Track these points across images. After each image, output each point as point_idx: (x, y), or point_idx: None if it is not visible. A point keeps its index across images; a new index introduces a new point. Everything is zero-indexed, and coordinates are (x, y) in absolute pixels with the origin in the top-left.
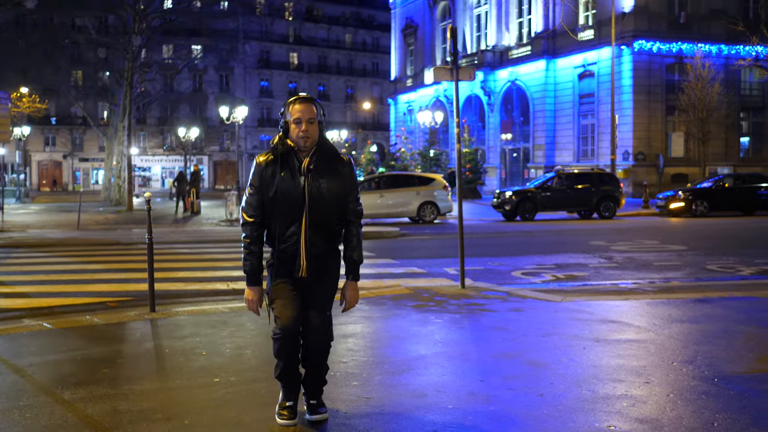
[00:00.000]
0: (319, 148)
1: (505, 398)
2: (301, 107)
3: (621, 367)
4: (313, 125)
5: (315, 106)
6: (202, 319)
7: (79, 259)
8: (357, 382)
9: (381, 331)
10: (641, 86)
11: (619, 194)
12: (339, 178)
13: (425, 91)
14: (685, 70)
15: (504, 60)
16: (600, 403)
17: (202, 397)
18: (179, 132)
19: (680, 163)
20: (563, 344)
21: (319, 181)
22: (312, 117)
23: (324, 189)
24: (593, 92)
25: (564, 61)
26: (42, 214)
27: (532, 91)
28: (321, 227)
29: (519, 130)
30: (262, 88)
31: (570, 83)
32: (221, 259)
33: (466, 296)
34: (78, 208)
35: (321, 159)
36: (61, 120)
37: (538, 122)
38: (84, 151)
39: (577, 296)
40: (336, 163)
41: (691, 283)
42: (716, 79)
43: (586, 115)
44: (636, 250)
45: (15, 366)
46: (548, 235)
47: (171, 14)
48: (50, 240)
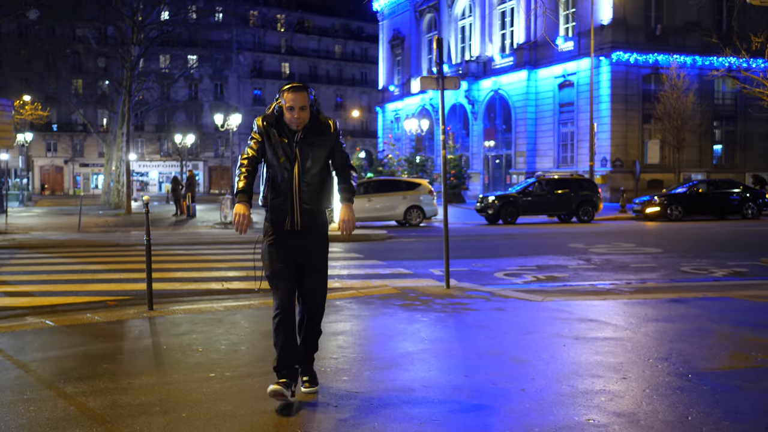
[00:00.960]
0: (310, 123)
1: (488, 393)
2: (292, 96)
3: (599, 364)
4: (304, 111)
5: (306, 93)
6: (198, 317)
7: (80, 260)
8: (347, 377)
9: (370, 328)
10: (619, 96)
11: (597, 199)
12: (325, 139)
13: (412, 99)
14: (661, 81)
15: (487, 70)
16: (579, 397)
17: (199, 391)
18: (176, 138)
19: (656, 170)
20: (544, 342)
21: (307, 145)
22: (303, 104)
23: (311, 151)
24: (573, 101)
25: (545, 72)
26: (44, 216)
27: (514, 100)
28: (309, 184)
29: (501, 137)
30: (256, 96)
31: (550, 93)
32: (216, 260)
33: (451, 296)
34: (79, 212)
35: (309, 130)
36: (62, 127)
37: (519, 130)
38: (84, 157)
39: (557, 296)
40: (322, 129)
41: (666, 284)
42: (691, 89)
43: (565, 123)
44: (613, 253)
45: (19, 361)
46: (529, 238)
47: (168, 26)
48: (52, 241)
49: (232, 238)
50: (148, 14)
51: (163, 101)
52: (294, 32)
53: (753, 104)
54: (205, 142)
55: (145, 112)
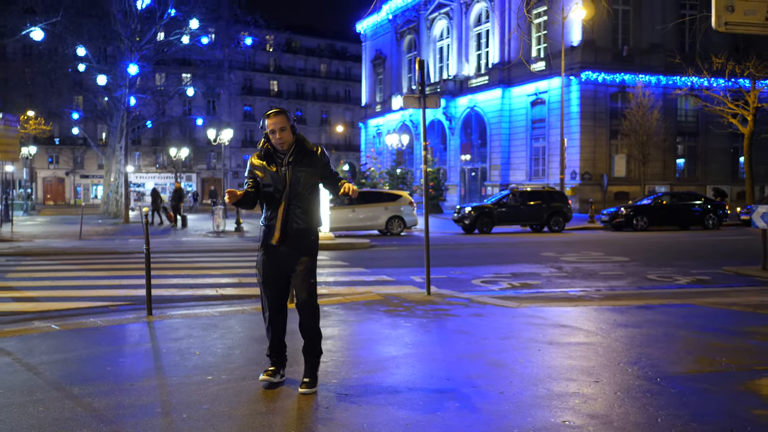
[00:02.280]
0: (296, 147)
1: (469, 395)
2: (273, 120)
3: (573, 368)
4: (285, 132)
5: (285, 117)
6: (194, 322)
7: (82, 267)
8: (336, 380)
9: (356, 333)
10: (588, 113)
11: (567, 210)
12: (313, 167)
13: (393, 116)
14: (627, 99)
15: (464, 88)
16: (555, 400)
17: (197, 393)
18: (171, 152)
19: (622, 182)
20: (520, 346)
21: (296, 171)
22: (283, 126)
23: (300, 176)
24: (544, 118)
25: (518, 90)
26: (47, 225)
27: (489, 116)
28: (299, 206)
29: (477, 151)
30: (246, 112)
31: (523, 110)
32: (210, 267)
33: (432, 302)
34: (80, 221)
35: (298, 154)
36: (64, 140)
37: (494, 145)
38: (84, 169)
39: (532, 303)
40: (310, 155)
41: (634, 291)
42: (655, 106)
43: (537, 139)
44: (583, 261)
45: (28, 364)
46: (504, 247)
47: (164, 46)
48: (55, 249)
49: (224, 247)
50: (144, 35)
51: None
52: (282, 52)
53: (714, 121)
54: (197, 155)
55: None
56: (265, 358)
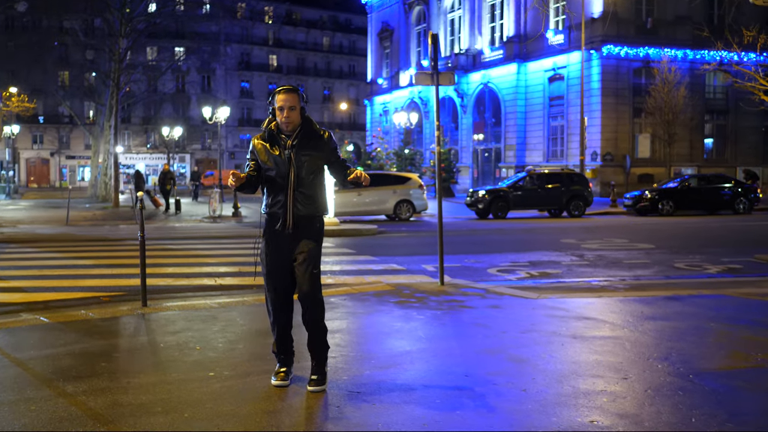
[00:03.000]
0: (302, 129)
1: (490, 393)
2: (283, 97)
3: (599, 363)
4: (294, 111)
5: (297, 95)
6: (193, 314)
7: (70, 255)
8: (346, 376)
9: (366, 327)
10: (609, 89)
11: (588, 194)
12: (319, 150)
13: (400, 92)
14: (651, 74)
15: (476, 63)
16: (581, 398)
17: (199, 390)
18: (163, 131)
19: (646, 164)
20: (542, 340)
21: (301, 155)
22: (293, 105)
23: (305, 161)
24: (563, 95)
25: (535, 65)
26: (31, 210)
27: (503, 93)
28: (304, 193)
29: (491, 131)
30: (243, 89)
31: (540, 86)
32: (208, 255)
33: (446, 293)
34: (67, 205)
35: (303, 137)
36: (49, 119)
37: (509, 123)
38: (70, 149)
39: (552, 293)
40: (316, 139)
41: (661, 281)
42: (682, 82)
43: (555, 117)
44: (606, 249)
45: (17, 359)
46: (521, 233)
47: (156, 17)
48: (41, 236)
49: (222, 233)
50: (136, 6)
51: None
52: (282, 24)
53: (744, 98)
54: (192, 134)
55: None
56: (269, 353)
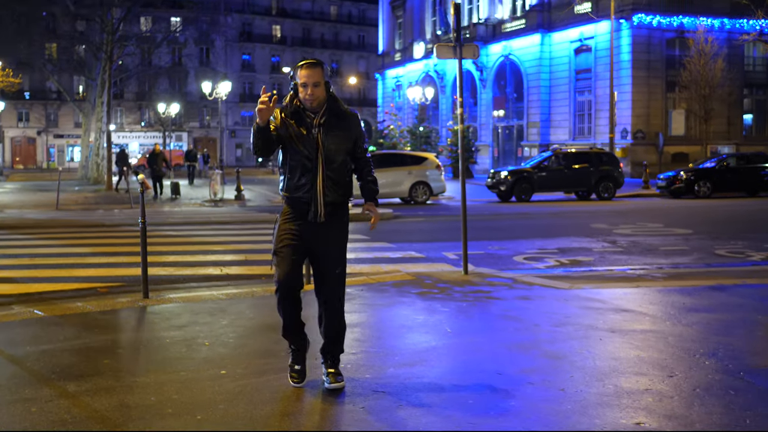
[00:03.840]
0: (328, 106)
1: (525, 393)
2: (306, 72)
3: (641, 360)
4: (318, 88)
5: (321, 69)
6: (198, 306)
7: (63, 242)
8: (369, 374)
9: (387, 320)
10: (640, 61)
11: (618, 174)
12: (347, 131)
13: (414, 65)
14: (686, 45)
15: (497, 34)
16: (624, 398)
17: (211, 390)
18: (158, 108)
19: (680, 142)
20: (578, 335)
21: (329, 135)
22: (317, 81)
23: (334, 142)
24: (590, 68)
25: (560, 36)
26: (18, 193)
27: (526, 66)
28: (332, 177)
29: (512, 106)
30: (244, 62)
31: (566, 58)
32: (211, 242)
33: (471, 283)
34: (57, 187)
35: (331, 116)
36: (36, 95)
37: (532, 99)
38: (59, 127)
39: (585, 283)
40: (344, 118)
41: (701, 269)
42: (719, 54)
43: (582, 92)
44: (640, 234)
45: (12, 356)
46: (547, 217)
47: None
48: (31, 221)
49: (225, 218)
50: None
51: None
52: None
53: None
54: (189, 111)
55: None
56: (284, 350)
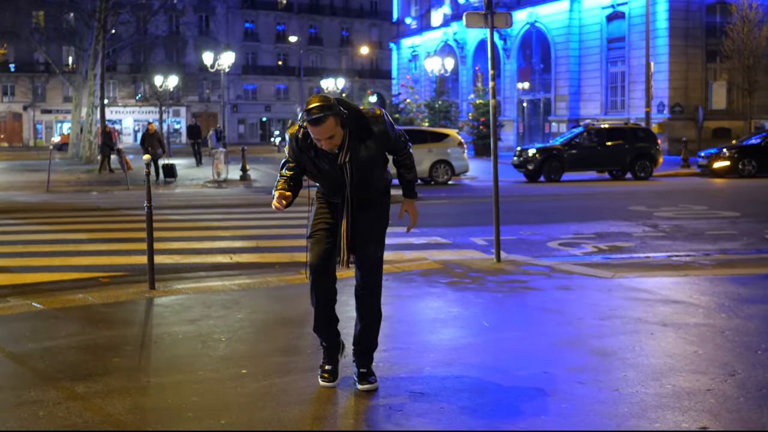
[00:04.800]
0: (350, 137)
1: (576, 394)
2: (315, 129)
3: (699, 356)
4: (333, 139)
5: (332, 119)
6: (210, 297)
7: (57, 228)
8: (404, 373)
9: (417, 313)
10: (678, 29)
11: (656, 152)
12: (377, 143)
13: (432, 34)
14: (728, 11)
15: (522, 0)
16: (685, 399)
17: (234, 392)
18: (156, 80)
19: (722, 116)
20: (627, 329)
21: (358, 163)
22: (331, 134)
23: (364, 166)
24: (623, 36)
25: (590, 1)
26: (5, 174)
27: (553, 34)
28: (365, 187)
29: (539, 78)
30: (247, 30)
31: (597, 26)
32: (218, 227)
33: (504, 272)
34: (47, 167)
35: (354, 143)
36: (22, 67)
37: (560, 70)
38: (47, 102)
39: (629, 271)
40: (368, 134)
41: (753, 256)
42: (765, 21)
43: (615, 62)
44: (683, 217)
45: (12, 354)
46: (580, 198)
47: None
48: (21, 204)
49: (231, 200)
50: None
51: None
52: None
53: None
54: (187, 84)
55: (119, 50)
56: (309, 346)
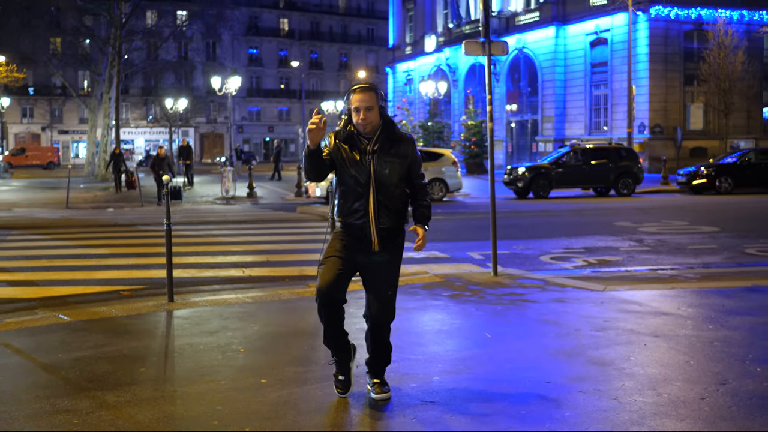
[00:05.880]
0: (382, 131)
1: (578, 403)
2: (359, 96)
3: (691, 367)
4: (371, 112)
5: (374, 94)
6: (226, 310)
7: (78, 243)
8: (414, 383)
9: (422, 324)
10: (658, 54)
11: (638, 170)
12: (401, 157)
13: (426, 59)
14: (704, 38)
15: (510, 26)
16: (681, 407)
17: (255, 401)
18: (166, 103)
19: (699, 137)
20: (621, 340)
21: (383, 162)
22: (370, 105)
23: (387, 169)
24: (606, 61)
25: (575, 28)
26: (25, 191)
27: (540, 59)
28: (386, 204)
29: (526, 101)
30: (251, 56)
31: (581, 51)
32: (230, 242)
33: (502, 285)
34: (66, 185)
35: (384, 141)
36: (40, 90)
37: (547, 93)
38: (63, 123)
39: (619, 284)
40: (398, 143)
41: (734, 269)
42: (739, 47)
43: (598, 85)
44: (666, 232)
45: (44, 364)
46: (568, 214)
47: None
48: (42, 221)
49: (240, 217)
50: None
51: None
52: None
53: None
54: (195, 106)
55: (131, 75)
56: (323, 357)
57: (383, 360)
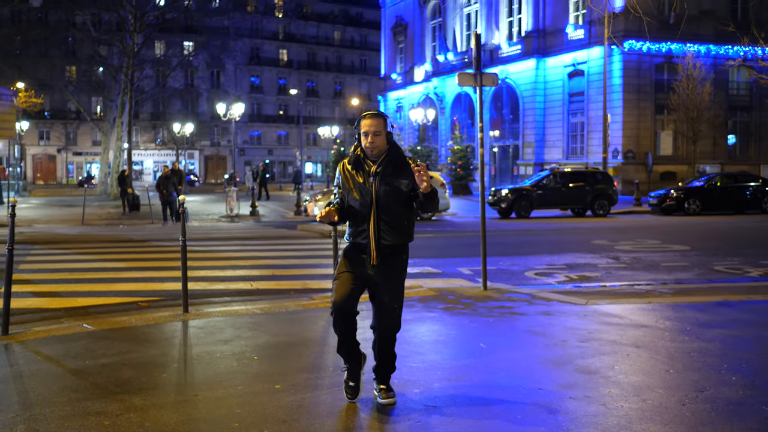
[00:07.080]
0: (388, 155)
1: (569, 408)
2: (368, 122)
3: (671, 375)
4: (378, 137)
5: (382, 120)
6: (238, 320)
7: (96, 257)
8: (417, 389)
9: (421, 335)
10: (631, 85)
11: (613, 192)
12: (404, 179)
13: (415, 88)
14: (674, 70)
15: (494, 59)
16: (665, 413)
17: (271, 405)
18: (173, 127)
19: (669, 162)
20: (605, 350)
21: (385, 184)
22: (378, 130)
23: (389, 190)
24: (583, 91)
25: (554, 60)
26: (43, 208)
27: (522, 89)
28: (389, 222)
29: (508, 127)
30: (253, 83)
31: (560, 82)
32: (237, 257)
33: (491, 298)
34: (81, 203)
35: (388, 164)
36: (55, 114)
37: (527, 120)
38: (78, 145)
39: (600, 299)
40: (401, 167)
41: (705, 285)
42: (706, 79)
43: (575, 113)
44: (641, 250)
45: (73, 369)
46: (549, 233)
47: (169, 12)
48: (61, 236)
49: (244, 234)
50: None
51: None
52: (292, 18)
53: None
54: (201, 130)
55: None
56: (332, 365)
57: (389, 368)
